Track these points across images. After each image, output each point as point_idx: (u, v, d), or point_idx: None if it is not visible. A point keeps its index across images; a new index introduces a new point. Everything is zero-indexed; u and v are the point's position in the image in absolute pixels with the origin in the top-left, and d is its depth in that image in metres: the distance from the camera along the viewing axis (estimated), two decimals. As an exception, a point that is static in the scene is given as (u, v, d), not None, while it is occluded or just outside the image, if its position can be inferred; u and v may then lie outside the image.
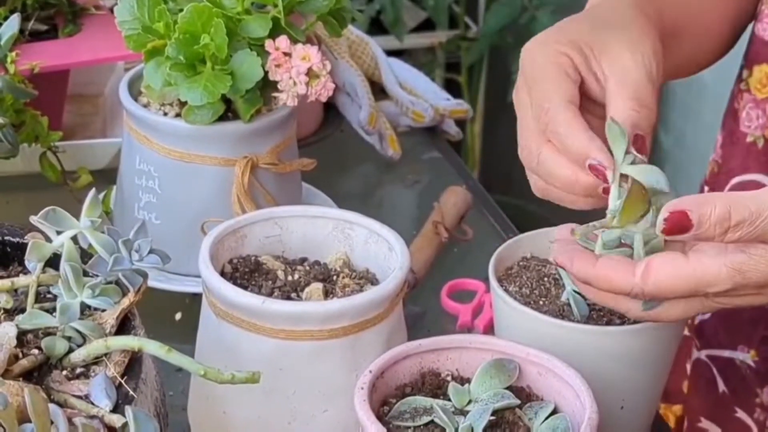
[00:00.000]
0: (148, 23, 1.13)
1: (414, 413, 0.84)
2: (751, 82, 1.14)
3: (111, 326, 0.80)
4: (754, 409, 1.18)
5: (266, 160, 1.16)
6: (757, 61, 1.13)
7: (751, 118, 1.14)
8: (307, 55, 1.14)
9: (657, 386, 1.00)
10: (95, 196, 0.84)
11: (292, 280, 0.99)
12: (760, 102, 1.13)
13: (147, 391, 0.79)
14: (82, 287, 0.81)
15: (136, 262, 0.82)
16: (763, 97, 1.13)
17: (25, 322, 0.80)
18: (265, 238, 1.03)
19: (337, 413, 0.94)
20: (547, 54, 0.86)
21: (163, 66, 1.12)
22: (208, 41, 1.09)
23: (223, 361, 0.93)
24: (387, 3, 2.81)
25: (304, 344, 0.92)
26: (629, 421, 0.98)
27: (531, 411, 0.85)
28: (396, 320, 0.97)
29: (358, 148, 1.48)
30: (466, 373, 0.89)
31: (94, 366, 0.79)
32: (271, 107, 1.17)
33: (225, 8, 1.13)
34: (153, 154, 1.16)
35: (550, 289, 1.00)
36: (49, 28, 1.41)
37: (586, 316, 0.97)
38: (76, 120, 1.47)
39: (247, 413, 0.94)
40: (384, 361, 0.87)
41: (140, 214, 1.18)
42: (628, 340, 0.95)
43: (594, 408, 0.82)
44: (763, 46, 1.12)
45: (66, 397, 0.76)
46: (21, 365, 0.77)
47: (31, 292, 0.83)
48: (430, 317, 1.20)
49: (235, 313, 0.93)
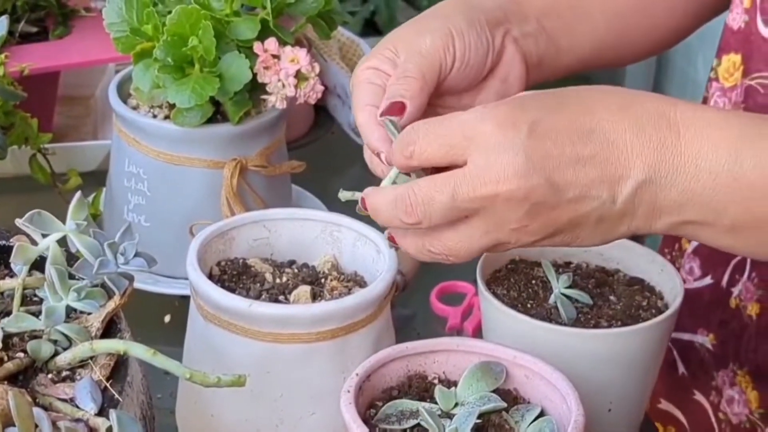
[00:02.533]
0: (136, 25, 1.13)
1: (400, 416, 0.84)
2: (720, 71, 1.15)
3: (97, 329, 0.80)
4: (710, 391, 1.19)
5: (255, 162, 1.16)
6: (726, 51, 1.14)
7: (718, 105, 1.15)
8: (295, 57, 1.14)
9: (644, 388, 1.00)
10: (81, 199, 0.84)
11: (280, 283, 0.99)
12: (727, 90, 1.14)
13: (133, 394, 0.79)
14: (67, 290, 0.81)
15: (122, 265, 0.82)
16: (730, 86, 1.14)
17: (11, 325, 0.80)
18: (253, 241, 1.03)
19: (325, 416, 0.94)
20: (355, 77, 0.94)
21: (151, 68, 1.12)
22: (196, 43, 1.09)
23: (211, 364, 0.93)
24: (381, 4, 2.81)
25: (291, 347, 0.92)
26: (617, 423, 0.98)
27: (518, 414, 0.85)
28: (384, 323, 0.97)
29: (349, 150, 1.48)
30: (452, 376, 0.89)
31: (80, 369, 0.78)
32: (260, 109, 1.17)
33: (213, 10, 1.12)
34: (142, 156, 1.16)
35: (538, 292, 1.00)
36: (40, 30, 1.41)
37: (574, 319, 0.98)
38: (66, 122, 1.47)
39: (234, 416, 0.94)
40: (371, 364, 0.87)
41: (129, 217, 1.18)
42: (615, 343, 0.95)
43: (580, 411, 0.82)
44: (731, 35, 1.13)
45: (51, 401, 0.76)
46: (6, 368, 0.77)
47: (16, 295, 0.83)
48: (419, 320, 1.20)
49: (223, 316, 0.93)
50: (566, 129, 0.81)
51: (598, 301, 1.00)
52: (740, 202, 0.81)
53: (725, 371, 1.17)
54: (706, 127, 0.82)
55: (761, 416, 1.15)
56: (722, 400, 1.18)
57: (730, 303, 1.15)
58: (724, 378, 1.18)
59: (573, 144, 0.81)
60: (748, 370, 1.15)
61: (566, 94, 0.84)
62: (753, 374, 1.15)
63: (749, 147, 0.81)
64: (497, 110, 0.82)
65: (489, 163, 0.81)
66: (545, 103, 0.83)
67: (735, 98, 1.13)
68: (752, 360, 1.15)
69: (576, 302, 0.99)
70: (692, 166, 0.81)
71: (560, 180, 0.81)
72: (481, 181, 0.81)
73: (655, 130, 0.82)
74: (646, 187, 0.82)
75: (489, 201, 0.81)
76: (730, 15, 1.13)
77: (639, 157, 0.81)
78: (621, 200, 0.82)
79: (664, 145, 0.81)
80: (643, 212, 0.83)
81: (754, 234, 0.82)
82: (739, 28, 1.12)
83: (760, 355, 1.14)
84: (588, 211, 0.82)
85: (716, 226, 0.83)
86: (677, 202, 0.82)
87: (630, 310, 0.99)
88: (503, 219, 0.82)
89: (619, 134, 0.81)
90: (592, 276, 1.03)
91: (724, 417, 1.18)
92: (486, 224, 0.83)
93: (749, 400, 1.16)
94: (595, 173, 0.81)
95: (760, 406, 1.14)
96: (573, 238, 0.84)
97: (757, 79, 1.11)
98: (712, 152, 0.81)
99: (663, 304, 1.00)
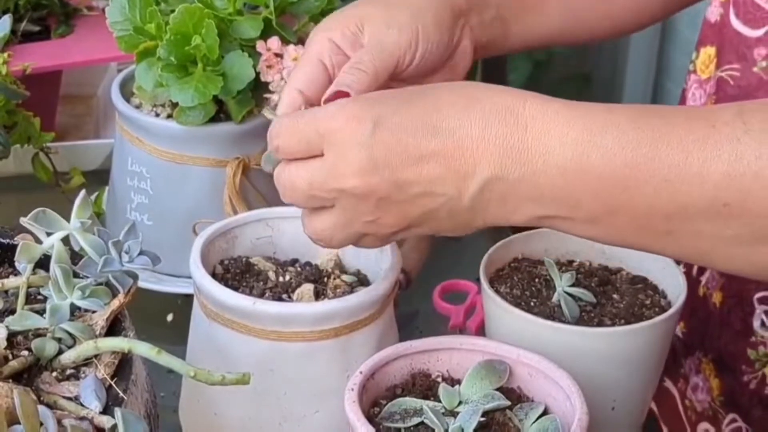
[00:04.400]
0: (139, 24, 1.13)
1: (404, 414, 0.84)
2: (698, 64, 1.16)
3: (101, 328, 0.80)
4: (678, 379, 1.20)
5: (258, 161, 1.16)
6: (704, 43, 1.15)
7: (695, 97, 1.16)
8: (298, 55, 1.14)
9: (648, 387, 1.00)
10: (85, 197, 0.84)
11: (283, 282, 0.99)
12: (703, 82, 1.15)
13: (137, 392, 0.79)
14: (72, 288, 0.80)
15: (126, 263, 0.82)
16: (706, 77, 1.14)
17: (15, 324, 0.80)
18: (256, 240, 1.03)
19: (328, 414, 0.94)
20: (311, 41, 0.95)
21: (154, 67, 1.12)
22: (199, 42, 1.09)
23: (214, 363, 0.93)
24: (381, 3, 2.80)
25: (295, 345, 0.92)
26: (620, 421, 0.98)
27: (521, 412, 0.85)
28: (387, 321, 0.97)
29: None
30: (456, 374, 0.89)
31: (84, 367, 0.78)
32: (262, 108, 1.17)
33: (216, 9, 1.13)
34: (145, 155, 1.16)
35: (541, 290, 1.00)
36: (42, 29, 1.41)
37: (577, 317, 0.97)
38: (68, 121, 1.47)
39: (238, 415, 0.94)
40: (374, 362, 0.87)
41: (132, 215, 1.18)
42: (618, 341, 0.95)
43: (584, 409, 0.82)
44: (709, 28, 1.13)
45: (56, 399, 0.76)
46: (11, 367, 0.77)
47: (21, 294, 0.83)
48: (422, 318, 1.20)
49: (226, 315, 0.93)
50: (411, 125, 0.81)
51: (602, 300, 1.00)
52: (592, 194, 0.80)
53: (692, 359, 1.18)
54: (552, 121, 0.80)
55: (721, 404, 1.15)
56: (688, 387, 1.19)
57: (698, 291, 1.16)
58: (690, 365, 1.18)
59: (417, 140, 0.81)
60: (712, 357, 1.15)
61: (416, 91, 0.85)
62: (716, 362, 1.15)
63: (595, 138, 0.79)
64: (348, 106, 0.83)
65: (337, 158, 0.82)
66: (394, 100, 0.84)
67: (709, 90, 1.14)
68: (715, 348, 1.15)
69: (579, 301, 0.99)
70: (540, 162, 0.80)
71: (403, 177, 0.82)
72: (331, 175, 0.83)
73: (502, 125, 0.81)
74: (494, 183, 0.81)
75: (340, 194, 0.83)
76: (709, 8, 1.14)
77: (484, 153, 0.80)
78: (468, 196, 0.81)
79: (510, 141, 0.80)
80: (495, 207, 0.82)
81: (611, 222, 0.81)
82: (715, 21, 1.13)
83: (722, 343, 1.14)
84: (437, 207, 0.83)
85: (574, 219, 0.82)
86: (529, 197, 0.81)
87: (633, 308, 0.99)
88: (357, 212, 0.84)
89: (465, 130, 0.81)
90: (595, 274, 1.03)
91: (690, 404, 1.18)
92: (343, 215, 0.85)
93: (712, 387, 1.16)
94: (438, 170, 0.81)
95: (721, 393, 1.15)
96: (432, 229, 0.85)
97: (727, 71, 1.11)
98: (558, 147, 0.80)
99: (666, 302, 1.00)
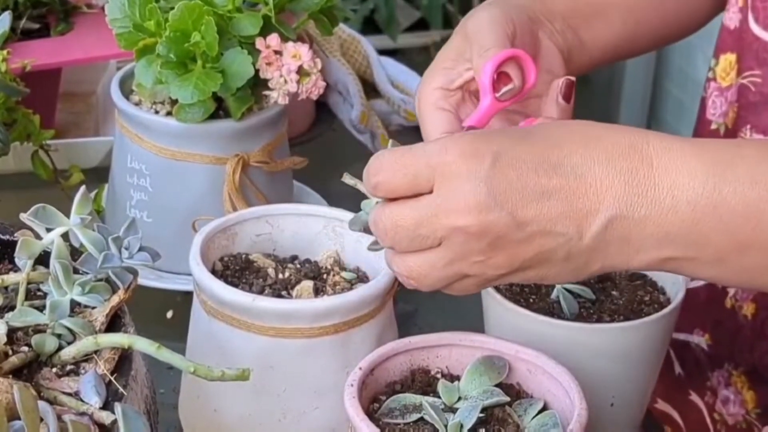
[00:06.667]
0: (139, 21, 1.13)
1: (404, 410, 0.84)
2: (717, 71, 1.15)
3: (101, 323, 0.80)
4: (705, 392, 1.19)
5: (257, 158, 1.17)
6: (723, 50, 1.14)
7: (716, 105, 1.15)
8: (297, 53, 1.14)
9: (647, 383, 1.00)
10: (85, 194, 0.84)
11: (282, 278, 0.99)
12: (724, 90, 1.14)
13: (137, 388, 0.79)
14: (71, 284, 0.81)
15: (126, 259, 0.82)
16: (727, 85, 1.14)
17: (15, 320, 0.80)
18: (256, 236, 1.03)
19: (328, 410, 0.94)
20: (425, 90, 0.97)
21: (154, 64, 1.13)
22: (198, 39, 1.09)
23: (214, 359, 0.93)
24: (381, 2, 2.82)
25: (294, 342, 0.92)
26: (619, 417, 0.99)
27: (521, 408, 0.85)
28: (386, 318, 0.97)
29: (350, 146, 1.48)
30: (455, 370, 0.89)
31: (84, 363, 0.79)
32: (262, 105, 1.18)
33: (216, 6, 1.13)
34: (144, 152, 1.16)
35: (540, 286, 1.00)
36: (41, 27, 1.41)
37: (576, 313, 0.98)
38: (68, 118, 1.47)
39: (237, 411, 0.94)
40: (374, 358, 0.87)
41: (132, 212, 1.18)
42: (617, 338, 0.95)
43: (583, 405, 0.82)
44: (728, 35, 1.13)
45: (56, 394, 0.76)
46: (11, 362, 0.77)
47: (21, 290, 0.83)
48: (421, 315, 1.20)
49: (226, 311, 0.93)
50: (531, 161, 0.78)
51: (601, 296, 1.00)
52: (723, 230, 0.77)
53: (720, 371, 1.18)
54: (679, 157, 0.78)
55: (758, 416, 1.15)
56: (717, 400, 1.18)
57: (725, 303, 1.16)
58: (719, 378, 1.18)
59: (538, 176, 0.77)
60: (744, 370, 1.15)
61: (533, 129, 0.81)
62: (749, 374, 1.15)
63: (725, 173, 0.77)
64: (461, 140, 0.79)
65: (451, 193, 0.78)
66: (511, 135, 0.80)
67: (730, 97, 1.14)
68: (748, 360, 1.15)
69: (578, 297, 0.99)
70: (669, 198, 0.77)
71: (523, 214, 0.77)
72: (443, 210, 0.78)
73: (627, 161, 0.77)
74: (617, 222, 0.77)
75: (450, 231, 0.78)
76: (726, 14, 1.14)
77: (609, 190, 0.77)
78: (589, 236, 0.78)
79: (636, 177, 0.77)
80: (615, 249, 0.78)
81: (738, 261, 0.78)
82: (734, 27, 1.12)
83: (756, 355, 1.14)
84: (554, 247, 0.78)
85: (700, 259, 0.78)
86: (654, 237, 0.78)
87: (632, 305, 0.99)
88: (465, 250, 0.79)
89: (588, 167, 0.77)
90: (594, 271, 1.03)
91: (719, 417, 1.18)
92: (449, 254, 0.79)
93: (745, 400, 1.16)
94: (560, 208, 0.77)
95: (757, 405, 1.15)
96: (542, 274, 0.80)
97: (748, 77, 1.11)
98: (688, 181, 0.77)
99: (665, 299, 1.01)
